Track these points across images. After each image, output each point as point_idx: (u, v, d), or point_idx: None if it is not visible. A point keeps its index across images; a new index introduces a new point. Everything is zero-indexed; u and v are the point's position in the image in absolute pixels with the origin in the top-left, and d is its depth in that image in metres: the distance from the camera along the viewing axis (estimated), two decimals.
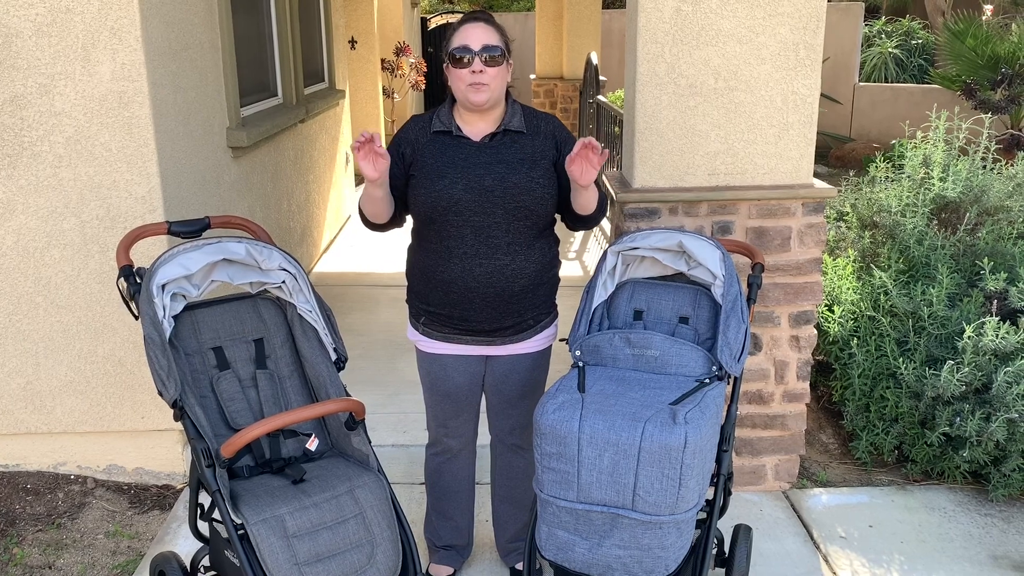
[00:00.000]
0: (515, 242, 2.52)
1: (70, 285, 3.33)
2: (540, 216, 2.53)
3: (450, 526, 2.94)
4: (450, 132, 2.53)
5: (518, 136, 2.54)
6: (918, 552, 3.17)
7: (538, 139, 2.56)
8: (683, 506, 2.23)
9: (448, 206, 2.46)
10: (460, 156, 2.50)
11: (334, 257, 6.57)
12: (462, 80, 2.43)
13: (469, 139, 2.52)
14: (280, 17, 5.31)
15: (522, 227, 2.52)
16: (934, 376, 3.43)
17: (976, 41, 8.15)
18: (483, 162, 2.49)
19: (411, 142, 2.56)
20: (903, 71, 12.70)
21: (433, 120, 2.56)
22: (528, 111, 2.59)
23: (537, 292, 2.61)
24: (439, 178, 2.47)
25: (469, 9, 17.18)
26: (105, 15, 3.09)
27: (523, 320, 2.62)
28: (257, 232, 2.78)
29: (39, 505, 3.39)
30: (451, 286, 2.54)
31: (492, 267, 2.51)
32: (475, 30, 2.42)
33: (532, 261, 2.56)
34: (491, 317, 2.57)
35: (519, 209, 2.48)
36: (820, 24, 3.11)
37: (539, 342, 2.69)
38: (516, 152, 2.52)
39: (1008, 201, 4.04)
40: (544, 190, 2.51)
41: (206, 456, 2.27)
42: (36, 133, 3.18)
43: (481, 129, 2.54)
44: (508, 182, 2.47)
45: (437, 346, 2.67)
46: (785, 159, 3.23)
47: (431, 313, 2.62)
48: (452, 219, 2.48)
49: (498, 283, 2.52)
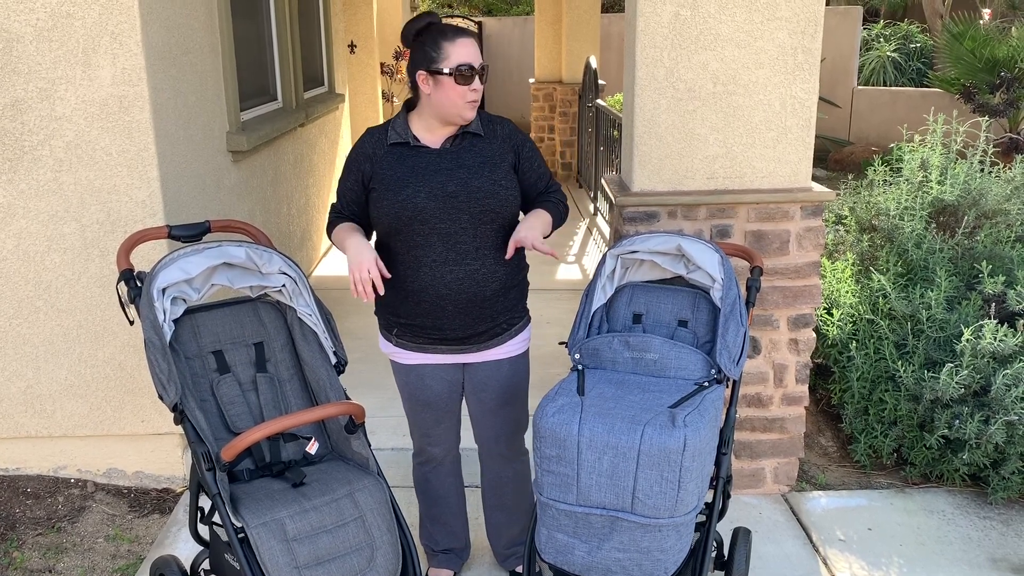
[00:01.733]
0: (483, 247, 2.50)
1: (70, 289, 3.34)
2: (505, 218, 2.52)
3: (445, 531, 2.95)
4: (407, 143, 2.50)
5: (476, 140, 2.53)
6: (917, 555, 3.17)
7: (495, 142, 2.54)
8: (682, 509, 2.24)
9: (413, 215, 2.44)
10: (420, 164, 2.47)
11: (334, 261, 6.57)
12: (461, 97, 2.41)
13: (427, 147, 2.50)
14: (280, 21, 5.32)
15: (488, 231, 2.50)
16: (933, 379, 3.43)
17: (975, 44, 8.16)
18: (444, 168, 2.47)
19: (368, 156, 2.53)
20: (901, 75, 12.73)
21: (388, 132, 2.53)
22: (484, 115, 2.57)
23: (508, 295, 2.60)
24: (401, 188, 2.45)
25: (468, 13, 17.20)
26: (106, 20, 3.10)
27: (496, 325, 2.61)
28: (257, 236, 2.79)
29: (39, 509, 3.39)
30: (422, 295, 2.52)
31: (462, 273, 2.49)
32: (471, 47, 2.41)
33: (502, 264, 2.55)
34: (464, 324, 2.56)
35: (484, 213, 2.47)
36: (818, 28, 3.12)
37: (514, 347, 2.68)
38: (476, 156, 2.50)
39: (1006, 204, 4.05)
40: (507, 192, 2.50)
41: (206, 459, 2.28)
42: (37, 137, 3.19)
43: (440, 136, 2.51)
44: (471, 186, 2.46)
45: (412, 356, 2.65)
46: (784, 163, 3.24)
47: (403, 324, 2.61)
48: (418, 228, 2.46)
49: (469, 289, 2.51)
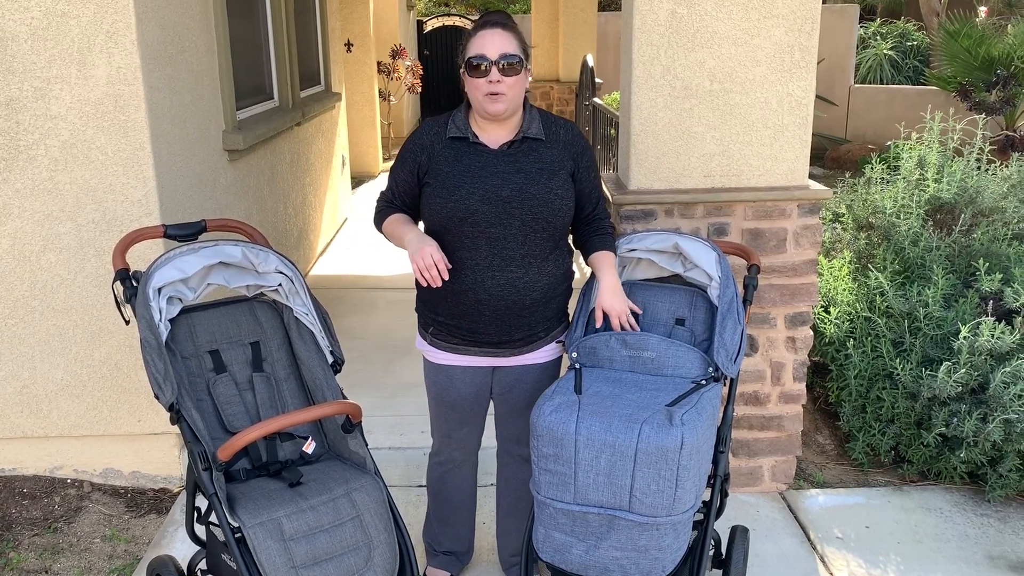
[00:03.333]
0: (530, 254, 2.44)
1: (66, 289, 3.33)
2: (557, 228, 2.46)
3: (451, 533, 2.93)
4: (466, 139, 2.44)
5: (536, 144, 2.45)
6: (915, 552, 3.17)
7: (556, 148, 2.47)
8: (680, 507, 2.24)
9: (464, 217, 2.38)
10: (477, 165, 2.41)
11: (331, 260, 6.56)
12: (479, 89, 2.34)
13: (486, 146, 2.43)
14: (276, 20, 5.31)
15: (538, 239, 2.44)
16: (930, 377, 3.43)
17: (971, 42, 8.16)
18: (501, 171, 2.40)
19: (426, 148, 2.46)
20: (898, 73, 12.73)
21: (448, 125, 2.46)
22: (547, 117, 2.50)
23: (549, 305, 2.54)
24: (455, 188, 2.39)
25: (465, 12, 17.16)
26: (101, 19, 3.09)
27: (533, 332, 2.56)
28: (253, 235, 2.78)
29: (35, 509, 3.38)
30: (461, 297, 2.47)
31: (504, 280, 2.43)
32: (493, 37, 2.32)
33: (545, 274, 2.48)
34: (500, 330, 2.51)
35: (537, 221, 2.40)
36: (815, 26, 3.11)
37: (548, 352, 2.63)
38: (534, 161, 2.43)
39: (1003, 202, 4.05)
40: (562, 201, 2.43)
41: (203, 459, 2.27)
42: (32, 137, 3.18)
43: (499, 137, 2.44)
44: (526, 193, 2.39)
45: (444, 357, 2.61)
46: (780, 161, 3.23)
47: (439, 323, 2.56)
48: (467, 230, 2.40)
49: (509, 296, 2.45)
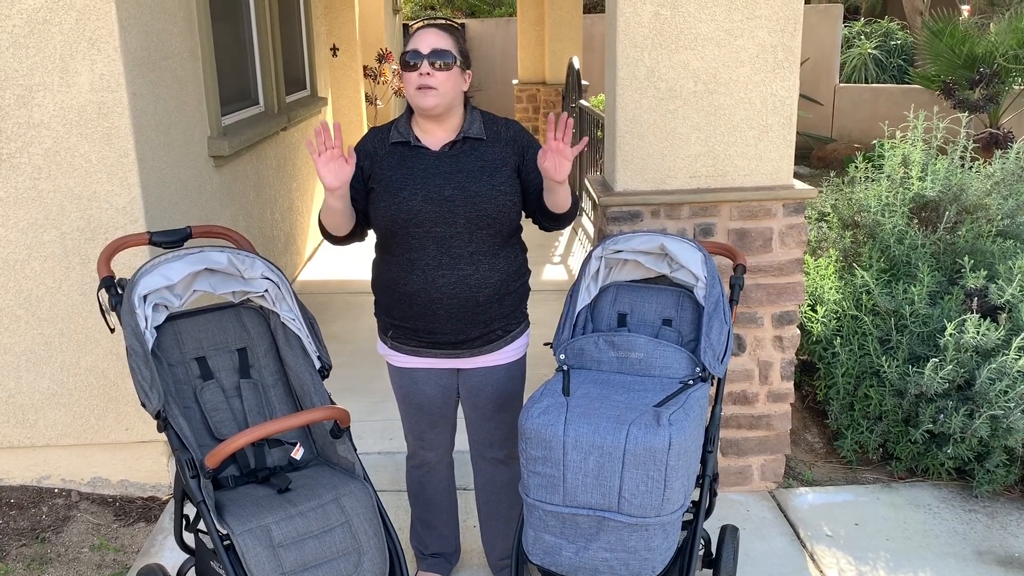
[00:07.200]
0: (478, 251, 2.48)
1: (51, 297, 3.31)
2: (503, 224, 2.50)
3: (435, 535, 2.93)
4: (408, 142, 2.50)
5: (478, 143, 2.51)
6: (904, 549, 3.19)
7: (499, 145, 2.52)
8: (669, 508, 2.24)
9: (408, 218, 2.44)
10: (419, 167, 2.47)
11: (318, 265, 6.55)
12: (411, 83, 2.41)
13: (427, 148, 2.49)
14: (260, 25, 5.30)
15: (485, 236, 2.48)
16: (917, 374, 3.45)
17: (954, 40, 8.21)
18: (443, 172, 2.46)
19: (369, 155, 2.53)
20: (883, 72, 12.80)
21: (391, 131, 2.53)
22: (488, 117, 2.56)
23: (503, 302, 2.57)
24: (398, 190, 2.45)
25: (451, 15, 17.19)
26: (83, 26, 3.08)
27: (490, 331, 2.58)
28: (239, 241, 2.77)
29: (23, 519, 3.36)
30: (414, 298, 2.51)
31: (455, 278, 2.47)
32: (426, 35, 2.41)
33: (496, 270, 2.52)
34: (456, 328, 2.54)
35: (481, 218, 2.45)
36: (797, 26, 3.13)
37: (510, 353, 2.65)
38: (476, 160, 2.48)
39: (987, 199, 4.07)
40: (506, 198, 2.48)
41: (191, 467, 2.26)
42: (14, 145, 3.16)
43: (440, 138, 2.51)
44: (469, 191, 2.44)
45: (406, 360, 2.64)
46: (765, 161, 3.25)
47: (397, 326, 2.60)
48: (413, 231, 2.45)
49: (462, 293, 2.49)
